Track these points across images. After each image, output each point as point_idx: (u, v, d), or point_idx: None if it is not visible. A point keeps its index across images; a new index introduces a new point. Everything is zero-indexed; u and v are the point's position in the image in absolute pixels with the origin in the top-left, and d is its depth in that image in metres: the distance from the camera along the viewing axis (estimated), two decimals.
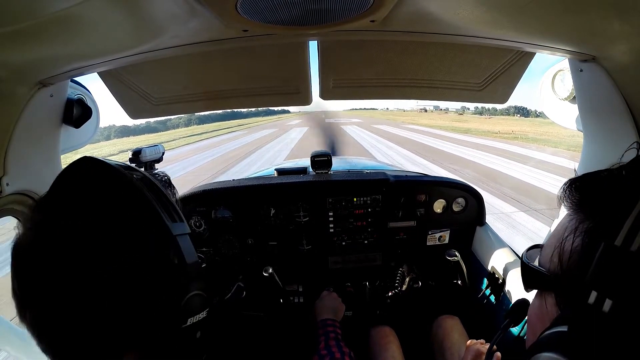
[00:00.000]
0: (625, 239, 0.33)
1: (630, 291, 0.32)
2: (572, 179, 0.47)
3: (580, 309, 0.34)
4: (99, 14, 0.61)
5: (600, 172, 0.44)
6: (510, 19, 0.77)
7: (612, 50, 0.83)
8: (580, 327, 0.34)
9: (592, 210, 0.41)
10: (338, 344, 1.13)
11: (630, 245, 0.32)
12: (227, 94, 1.38)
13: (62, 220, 0.45)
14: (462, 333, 1.46)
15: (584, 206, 0.43)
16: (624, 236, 0.33)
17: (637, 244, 0.32)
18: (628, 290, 0.32)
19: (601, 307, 0.32)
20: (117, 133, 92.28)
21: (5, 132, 0.89)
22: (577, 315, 0.34)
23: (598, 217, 0.39)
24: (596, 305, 0.33)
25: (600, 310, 0.32)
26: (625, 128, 0.89)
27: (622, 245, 0.33)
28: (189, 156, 20.27)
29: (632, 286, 0.32)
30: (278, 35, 0.90)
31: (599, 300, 0.33)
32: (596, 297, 0.33)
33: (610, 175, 0.42)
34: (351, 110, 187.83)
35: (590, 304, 0.33)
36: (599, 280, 0.33)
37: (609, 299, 0.32)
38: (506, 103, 1.39)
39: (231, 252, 1.72)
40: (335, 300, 1.47)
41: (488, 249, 1.62)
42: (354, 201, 1.68)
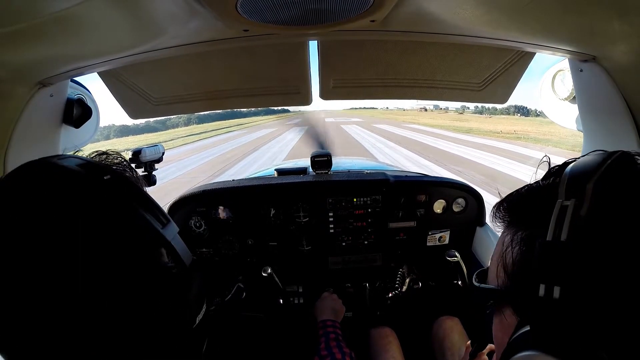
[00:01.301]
0: (554, 233, 0.37)
1: (572, 272, 0.35)
2: (498, 202, 0.52)
3: (535, 304, 0.37)
4: (99, 14, 0.61)
5: (520, 190, 0.50)
6: (510, 19, 0.77)
7: (612, 50, 0.83)
8: (540, 320, 0.37)
9: (521, 221, 0.46)
10: (339, 345, 1.13)
11: (560, 237, 0.37)
12: (227, 94, 1.38)
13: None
14: (462, 334, 1.46)
15: (513, 220, 0.48)
16: (552, 230, 0.38)
17: (564, 233, 0.37)
18: (570, 273, 0.36)
19: (551, 296, 0.36)
20: (116, 132, 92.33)
21: (5, 132, 0.89)
22: (535, 311, 0.37)
23: (528, 225, 0.44)
24: (547, 295, 0.36)
25: (551, 297, 0.36)
26: (625, 128, 0.89)
27: (553, 238, 0.37)
28: (188, 156, 20.26)
29: (573, 268, 0.36)
30: (278, 35, 0.90)
31: (548, 290, 0.36)
32: (545, 288, 0.36)
33: (529, 189, 0.48)
34: (351, 110, 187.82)
35: (542, 296, 0.36)
36: (543, 274, 0.37)
37: (557, 286, 0.35)
38: (506, 102, 1.39)
39: (231, 252, 1.72)
40: (336, 301, 1.47)
41: (488, 249, 1.62)
42: (354, 201, 1.68)
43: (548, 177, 0.47)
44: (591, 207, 0.37)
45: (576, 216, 0.37)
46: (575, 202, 0.37)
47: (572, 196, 0.38)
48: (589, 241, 0.36)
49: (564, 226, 0.37)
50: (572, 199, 0.38)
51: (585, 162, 0.41)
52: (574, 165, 0.42)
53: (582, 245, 0.36)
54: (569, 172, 0.41)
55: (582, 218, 0.37)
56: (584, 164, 0.41)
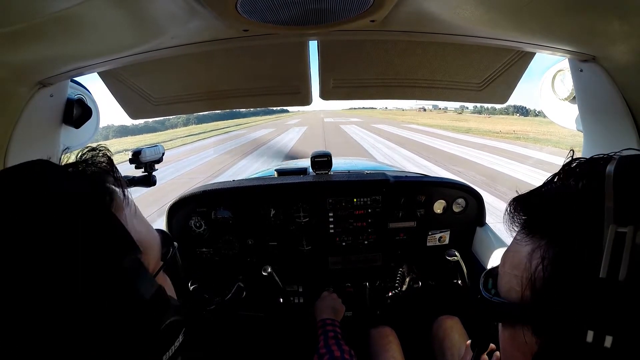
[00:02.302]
0: (609, 269, 0.31)
1: (629, 324, 0.31)
2: (515, 199, 0.45)
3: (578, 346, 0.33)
4: (99, 14, 0.61)
5: (543, 189, 0.43)
6: (510, 19, 0.77)
7: (612, 50, 0.83)
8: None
9: (549, 233, 0.39)
10: (337, 343, 1.13)
11: (617, 275, 0.31)
12: (227, 94, 1.38)
13: None
14: (462, 333, 1.46)
15: (538, 228, 0.41)
16: (607, 266, 0.31)
17: (623, 272, 0.31)
18: (626, 324, 0.31)
19: (602, 344, 0.31)
20: (115, 133, 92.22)
21: (5, 132, 0.89)
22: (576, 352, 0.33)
23: (560, 239, 0.37)
24: (596, 343, 0.32)
25: (601, 347, 0.31)
26: (625, 128, 0.89)
27: (608, 276, 0.31)
28: (187, 157, 20.24)
29: (629, 319, 0.31)
30: (278, 35, 0.90)
31: (597, 337, 0.32)
32: (594, 335, 0.32)
33: (556, 191, 0.41)
34: (350, 110, 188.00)
35: (589, 342, 0.32)
36: (593, 318, 0.32)
37: (609, 335, 0.31)
38: (506, 103, 1.39)
39: (231, 252, 1.72)
40: (336, 301, 1.47)
41: (488, 249, 1.62)
42: (354, 202, 1.68)
43: (577, 177, 0.39)
44: None
45: (636, 247, 0.30)
46: (634, 228, 0.31)
47: (627, 220, 0.31)
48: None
49: (623, 261, 0.31)
50: (630, 225, 0.31)
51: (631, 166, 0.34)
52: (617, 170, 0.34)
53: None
54: (613, 179, 0.34)
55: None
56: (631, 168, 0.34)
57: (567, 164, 0.42)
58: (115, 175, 0.47)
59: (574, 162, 0.42)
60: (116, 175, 0.47)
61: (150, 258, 0.48)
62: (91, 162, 0.46)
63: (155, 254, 0.50)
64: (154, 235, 0.51)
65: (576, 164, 0.41)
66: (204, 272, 1.71)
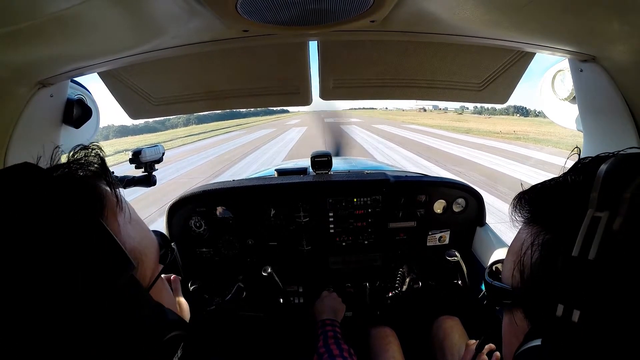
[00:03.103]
0: (581, 249, 0.34)
1: (595, 298, 0.33)
2: (520, 193, 0.47)
3: (550, 322, 0.35)
4: (99, 14, 0.61)
5: (546, 182, 0.45)
6: (510, 19, 0.77)
7: (612, 50, 0.83)
8: (552, 340, 0.35)
9: (545, 222, 0.42)
10: (337, 342, 1.13)
11: (587, 254, 0.33)
12: (227, 94, 1.38)
13: None
14: (462, 333, 1.46)
15: (537, 218, 0.44)
16: (579, 246, 0.34)
17: (593, 252, 0.33)
18: (592, 298, 0.33)
19: (569, 318, 0.33)
20: (115, 133, 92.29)
21: (5, 132, 0.89)
22: (548, 328, 0.35)
23: (553, 229, 0.40)
24: (564, 317, 0.34)
25: (569, 321, 0.33)
26: (625, 128, 0.89)
27: (579, 255, 0.34)
28: (185, 157, 20.24)
29: (596, 293, 0.33)
30: (278, 36, 0.90)
31: (566, 312, 0.34)
32: (563, 310, 0.34)
33: (557, 185, 0.43)
34: (350, 110, 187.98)
35: (559, 316, 0.34)
36: (563, 293, 0.34)
37: (576, 310, 0.33)
38: (506, 103, 1.39)
39: (231, 252, 1.72)
40: (335, 300, 1.47)
41: (488, 249, 1.62)
42: (354, 202, 1.68)
43: (578, 172, 0.41)
44: (626, 222, 0.32)
45: (609, 231, 0.33)
46: (610, 214, 0.33)
47: (605, 206, 0.34)
48: (619, 262, 0.32)
49: (594, 242, 0.33)
50: (606, 210, 0.33)
51: (624, 163, 0.36)
52: (610, 165, 0.36)
53: (611, 267, 0.32)
54: (602, 174, 0.36)
55: (615, 234, 0.32)
56: (622, 166, 0.36)
57: (575, 162, 0.44)
58: (108, 177, 0.44)
59: (581, 160, 0.43)
60: (109, 178, 0.44)
61: (147, 264, 0.46)
62: (83, 163, 0.43)
63: (152, 258, 0.48)
64: (151, 240, 0.49)
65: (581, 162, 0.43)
66: (204, 272, 1.71)
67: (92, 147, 0.45)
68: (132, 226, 0.45)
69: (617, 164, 0.36)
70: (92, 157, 0.44)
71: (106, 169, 0.44)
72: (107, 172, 0.44)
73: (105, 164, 0.45)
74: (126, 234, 0.43)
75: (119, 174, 1.33)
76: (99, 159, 0.44)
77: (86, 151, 0.44)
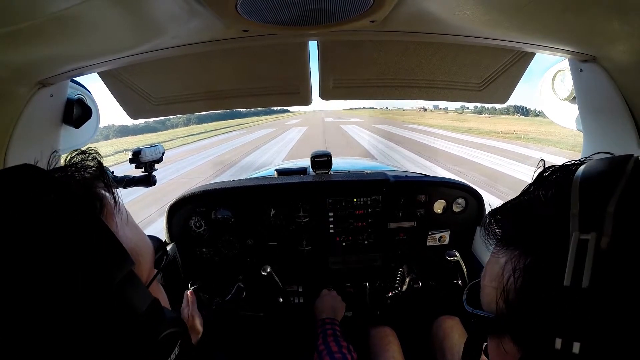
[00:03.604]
0: (572, 277, 0.32)
1: (594, 328, 0.31)
2: (490, 213, 0.46)
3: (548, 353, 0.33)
4: (99, 14, 0.61)
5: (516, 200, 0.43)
6: (510, 19, 0.77)
7: (612, 50, 0.83)
8: None
9: (522, 244, 0.39)
10: (336, 339, 1.14)
11: (580, 282, 0.31)
12: (227, 94, 1.38)
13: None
14: (462, 333, 1.46)
15: (511, 240, 0.41)
16: (571, 275, 0.32)
17: (586, 280, 0.31)
18: (592, 329, 0.31)
19: (570, 350, 0.32)
20: (115, 133, 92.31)
21: (5, 132, 0.89)
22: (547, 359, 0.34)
23: (532, 251, 0.38)
24: (564, 350, 0.32)
25: (570, 353, 0.32)
26: (625, 128, 0.89)
27: (572, 283, 0.32)
28: (185, 157, 20.24)
29: (595, 323, 0.31)
30: (278, 36, 0.90)
31: (565, 344, 0.32)
32: (562, 342, 0.32)
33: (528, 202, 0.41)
34: (350, 110, 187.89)
35: (558, 349, 0.33)
36: (560, 326, 0.33)
37: (576, 342, 0.32)
38: (506, 103, 1.39)
39: (231, 252, 1.72)
40: (335, 299, 1.48)
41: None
42: (354, 202, 1.68)
43: (547, 185, 0.40)
44: (616, 241, 0.31)
45: (598, 253, 0.31)
46: (597, 235, 0.31)
47: (590, 227, 0.32)
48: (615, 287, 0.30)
49: (585, 269, 0.31)
50: (592, 232, 0.31)
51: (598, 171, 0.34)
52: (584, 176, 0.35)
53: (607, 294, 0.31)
54: (579, 185, 0.34)
55: (606, 255, 0.31)
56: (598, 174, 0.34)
57: (540, 174, 0.42)
58: (105, 180, 0.45)
59: (546, 170, 0.42)
60: (106, 181, 0.45)
61: (143, 267, 0.46)
62: (80, 167, 0.44)
63: (148, 261, 0.48)
64: (147, 243, 0.50)
65: (549, 173, 0.41)
66: (204, 272, 1.71)
67: (89, 152, 0.46)
68: (129, 228, 0.46)
69: (591, 173, 0.35)
70: (90, 160, 0.45)
71: (103, 172, 0.45)
72: (104, 175, 0.45)
73: (103, 167, 0.46)
74: (124, 235, 0.43)
75: (119, 173, 1.33)
76: (96, 163, 0.45)
77: (83, 155, 0.45)
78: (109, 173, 0.47)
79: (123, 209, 0.47)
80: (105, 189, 0.45)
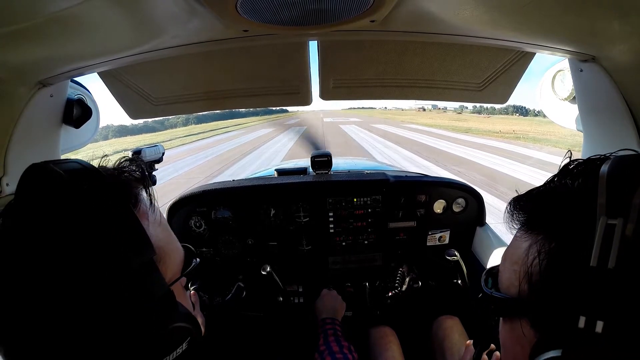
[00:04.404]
0: (599, 258, 0.33)
1: (618, 308, 0.33)
2: (515, 198, 0.47)
3: (569, 333, 0.34)
4: (98, 14, 0.61)
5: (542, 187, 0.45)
6: (510, 19, 0.77)
7: (612, 50, 0.83)
8: (575, 351, 0.34)
9: (546, 229, 0.41)
10: (337, 339, 1.14)
11: (607, 264, 0.33)
12: (227, 94, 1.37)
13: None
14: (462, 333, 1.46)
15: (535, 225, 0.43)
16: (597, 256, 0.33)
17: (612, 261, 0.33)
18: (616, 308, 0.33)
19: (592, 329, 0.33)
20: (114, 133, 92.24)
21: (5, 132, 0.89)
22: (568, 339, 0.35)
23: (556, 236, 0.39)
24: (587, 329, 0.33)
25: (592, 332, 0.33)
26: (625, 128, 0.89)
27: (598, 264, 0.33)
28: (184, 157, 20.22)
29: (619, 303, 0.33)
30: (278, 35, 0.90)
31: (589, 323, 0.33)
32: (586, 321, 0.33)
33: (554, 190, 0.43)
34: (349, 110, 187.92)
35: (581, 328, 0.33)
36: (585, 304, 0.34)
37: (600, 320, 0.33)
38: (506, 103, 1.39)
39: (231, 252, 1.72)
40: (335, 299, 1.48)
41: (488, 249, 1.62)
42: (354, 201, 1.68)
43: (574, 176, 0.41)
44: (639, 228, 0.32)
45: (625, 238, 0.32)
46: (624, 220, 0.33)
47: (617, 212, 0.33)
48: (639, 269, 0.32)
49: (612, 250, 0.33)
50: (620, 217, 0.33)
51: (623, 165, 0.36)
52: (611, 169, 0.36)
53: (632, 275, 0.32)
54: (606, 178, 0.35)
55: (630, 241, 0.32)
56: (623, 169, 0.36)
57: (565, 165, 0.44)
58: (146, 183, 0.51)
59: (572, 163, 0.43)
60: (146, 184, 0.51)
61: (169, 266, 0.49)
62: (126, 169, 0.49)
63: (175, 264, 0.52)
64: (176, 247, 0.54)
65: (574, 165, 0.43)
66: (204, 272, 1.71)
67: (136, 159, 0.52)
68: (161, 229, 0.50)
69: (618, 167, 0.36)
70: (135, 167, 0.51)
71: (145, 176, 0.51)
72: (146, 179, 0.51)
73: (145, 173, 0.51)
74: (154, 233, 0.47)
75: None
76: (139, 169, 0.51)
77: (131, 161, 0.52)
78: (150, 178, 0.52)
79: (158, 212, 0.52)
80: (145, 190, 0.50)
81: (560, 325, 0.36)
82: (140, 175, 0.50)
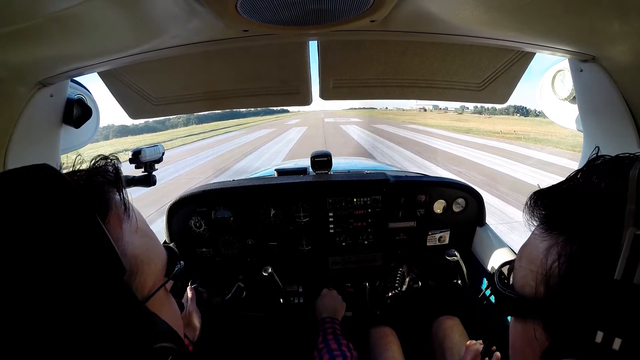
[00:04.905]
0: (625, 271, 0.31)
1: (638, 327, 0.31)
2: (536, 193, 0.44)
3: (584, 345, 0.33)
4: (98, 14, 0.61)
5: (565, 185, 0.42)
6: (510, 19, 0.77)
7: (612, 50, 0.83)
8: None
9: (568, 230, 0.39)
10: (336, 338, 1.15)
11: (633, 279, 0.30)
12: (227, 94, 1.38)
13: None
14: (462, 333, 1.46)
15: (556, 224, 0.41)
16: (623, 269, 0.31)
17: (638, 276, 0.30)
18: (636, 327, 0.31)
19: (610, 346, 0.31)
20: (115, 133, 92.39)
21: (5, 132, 0.89)
22: (582, 351, 0.33)
23: (578, 239, 0.37)
24: (604, 344, 0.32)
25: (609, 348, 0.31)
26: (625, 128, 0.89)
27: (623, 278, 0.31)
28: (185, 157, 20.24)
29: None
30: (278, 35, 0.90)
31: (607, 339, 0.31)
32: (604, 336, 0.32)
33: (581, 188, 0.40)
34: (350, 110, 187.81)
35: (598, 342, 0.32)
36: (605, 319, 0.32)
37: (618, 338, 0.31)
38: (506, 103, 1.39)
39: (231, 252, 1.72)
40: (335, 299, 1.48)
41: (488, 249, 1.62)
42: (354, 202, 1.68)
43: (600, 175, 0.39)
44: None
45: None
46: None
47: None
48: None
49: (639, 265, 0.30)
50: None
51: None
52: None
53: None
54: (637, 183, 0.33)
55: None
56: None
57: (591, 161, 0.41)
58: (120, 187, 0.46)
59: (598, 159, 0.41)
60: (120, 187, 0.46)
61: (149, 274, 0.46)
62: (99, 171, 0.45)
63: (156, 269, 0.48)
64: (159, 251, 0.50)
65: (600, 162, 0.40)
66: (204, 272, 1.71)
67: (111, 158, 0.47)
68: (138, 236, 0.46)
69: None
70: (110, 166, 0.46)
71: (119, 178, 0.46)
72: (120, 182, 0.46)
73: (120, 174, 0.46)
74: (129, 241, 0.43)
75: None
76: (114, 169, 0.46)
77: (106, 161, 0.46)
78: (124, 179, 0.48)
79: (134, 216, 0.47)
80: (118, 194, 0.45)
81: (575, 335, 0.34)
82: (113, 178, 0.45)
